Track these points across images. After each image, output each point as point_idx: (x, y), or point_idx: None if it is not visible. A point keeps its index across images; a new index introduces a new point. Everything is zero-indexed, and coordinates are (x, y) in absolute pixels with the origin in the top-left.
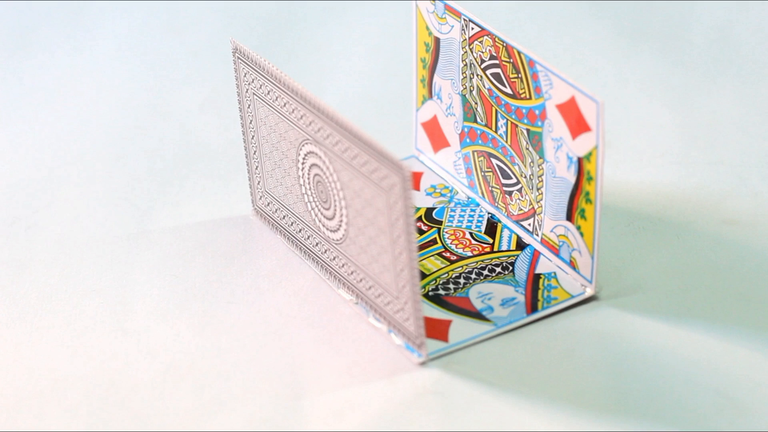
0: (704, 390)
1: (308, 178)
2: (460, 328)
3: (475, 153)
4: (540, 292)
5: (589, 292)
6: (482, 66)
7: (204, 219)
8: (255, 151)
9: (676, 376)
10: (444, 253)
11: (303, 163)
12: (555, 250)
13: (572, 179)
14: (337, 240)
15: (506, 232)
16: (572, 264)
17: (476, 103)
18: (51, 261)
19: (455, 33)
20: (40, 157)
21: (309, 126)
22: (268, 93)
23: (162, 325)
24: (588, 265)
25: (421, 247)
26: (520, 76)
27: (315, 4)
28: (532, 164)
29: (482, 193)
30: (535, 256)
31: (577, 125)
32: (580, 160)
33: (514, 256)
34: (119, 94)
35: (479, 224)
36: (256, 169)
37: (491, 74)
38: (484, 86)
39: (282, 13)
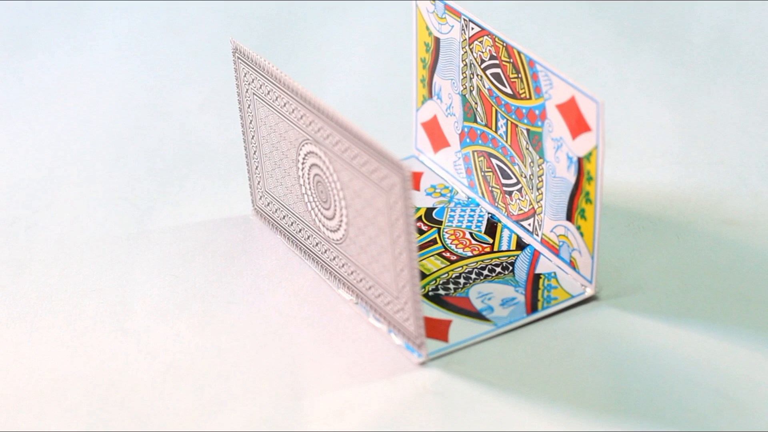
0: (704, 390)
1: (308, 178)
2: (460, 328)
3: (475, 153)
4: (540, 292)
5: (589, 292)
6: (482, 66)
7: (204, 219)
8: (255, 151)
9: (676, 376)
10: (444, 253)
11: (303, 163)
12: (555, 250)
13: (572, 179)
14: (337, 240)
15: (506, 232)
16: (572, 264)
17: (476, 103)
18: (51, 261)
19: (455, 33)
20: (40, 157)
21: (309, 126)
22: (268, 93)
23: (162, 325)
24: (588, 265)
25: (421, 247)
26: (520, 76)
27: (315, 4)
28: (532, 164)
29: (482, 193)
30: (535, 256)
31: (577, 125)
32: (580, 160)
33: (514, 256)
34: (119, 94)
35: (479, 224)
36: (256, 169)
37: (491, 74)
38: (484, 86)
39: (282, 13)
